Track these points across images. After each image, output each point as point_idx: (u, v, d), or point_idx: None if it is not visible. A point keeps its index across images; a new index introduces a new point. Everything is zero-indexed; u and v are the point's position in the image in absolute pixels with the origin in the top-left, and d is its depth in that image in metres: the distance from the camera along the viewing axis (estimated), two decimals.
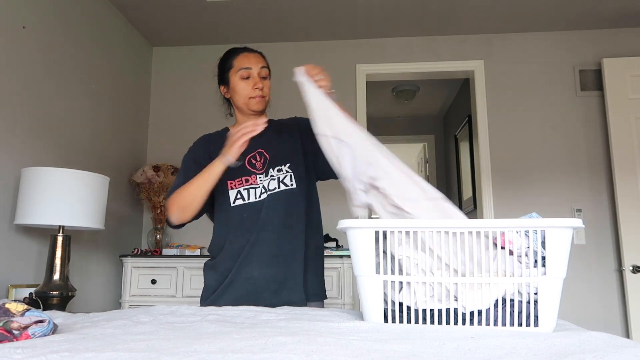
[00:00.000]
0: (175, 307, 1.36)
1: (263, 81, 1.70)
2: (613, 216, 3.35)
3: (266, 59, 1.77)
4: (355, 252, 1.10)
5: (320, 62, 3.75)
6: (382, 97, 5.18)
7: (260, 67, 1.70)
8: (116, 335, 0.96)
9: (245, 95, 1.70)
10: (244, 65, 1.69)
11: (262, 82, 1.70)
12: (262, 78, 1.71)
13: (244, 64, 1.70)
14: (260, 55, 1.76)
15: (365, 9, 3.33)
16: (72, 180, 2.15)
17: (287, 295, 1.63)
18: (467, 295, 1.03)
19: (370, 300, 1.08)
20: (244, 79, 1.69)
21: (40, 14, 2.53)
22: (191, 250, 3.23)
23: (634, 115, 3.32)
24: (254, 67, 1.70)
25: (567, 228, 1.01)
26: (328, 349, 0.80)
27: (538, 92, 3.58)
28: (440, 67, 3.68)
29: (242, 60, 1.71)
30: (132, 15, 3.40)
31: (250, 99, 1.69)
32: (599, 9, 3.33)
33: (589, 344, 0.85)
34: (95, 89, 3.02)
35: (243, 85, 1.70)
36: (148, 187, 3.37)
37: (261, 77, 1.70)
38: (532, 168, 3.48)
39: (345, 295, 3.00)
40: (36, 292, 2.11)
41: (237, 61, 1.71)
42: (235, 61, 1.72)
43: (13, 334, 0.93)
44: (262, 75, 1.71)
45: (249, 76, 1.69)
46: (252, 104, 1.70)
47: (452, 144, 5.28)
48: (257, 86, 1.68)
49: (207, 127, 3.66)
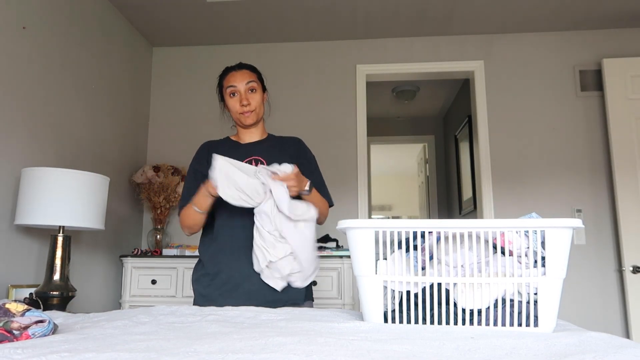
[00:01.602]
0: (175, 308, 1.36)
1: (251, 95, 1.80)
2: (613, 216, 3.35)
3: (257, 72, 1.86)
4: (355, 253, 1.10)
5: (320, 63, 3.77)
6: (382, 98, 5.18)
7: (245, 83, 1.79)
8: (116, 335, 0.96)
9: (235, 112, 1.82)
10: (230, 83, 1.80)
11: (250, 97, 1.80)
12: (250, 91, 1.80)
13: (230, 82, 1.81)
14: (249, 70, 1.84)
15: (365, 9, 3.33)
16: (72, 181, 2.15)
17: (288, 294, 1.68)
18: (467, 294, 1.03)
19: (370, 301, 1.08)
20: (232, 96, 1.81)
21: (40, 14, 2.53)
22: (191, 251, 3.23)
23: (634, 116, 3.32)
24: (238, 84, 1.79)
25: (567, 228, 1.01)
26: (328, 349, 0.80)
27: (538, 93, 3.58)
28: (441, 67, 3.68)
29: (229, 79, 1.82)
30: (132, 16, 3.40)
31: (240, 114, 1.80)
32: (599, 10, 3.33)
33: (589, 344, 0.85)
34: (95, 89, 3.02)
35: (232, 103, 1.81)
36: (148, 188, 3.38)
37: (248, 90, 1.80)
38: (532, 168, 3.48)
39: (345, 296, 3.00)
40: (36, 293, 2.11)
41: (226, 80, 1.83)
42: (224, 80, 1.84)
43: (13, 334, 0.93)
44: (250, 89, 1.80)
45: (235, 92, 1.80)
46: (242, 119, 1.81)
47: (452, 144, 5.28)
48: (242, 103, 1.79)
49: (207, 127, 3.69)
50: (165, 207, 3.42)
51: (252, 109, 1.79)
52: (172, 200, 3.41)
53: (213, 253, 1.75)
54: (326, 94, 3.70)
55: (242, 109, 1.78)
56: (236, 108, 1.79)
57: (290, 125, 3.46)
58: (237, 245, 1.71)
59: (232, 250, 1.72)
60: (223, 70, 1.87)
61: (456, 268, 1.06)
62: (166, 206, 3.41)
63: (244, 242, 1.69)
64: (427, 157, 5.97)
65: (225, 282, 1.70)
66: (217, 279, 1.72)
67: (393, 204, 9.49)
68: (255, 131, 1.86)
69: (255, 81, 1.81)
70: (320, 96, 3.70)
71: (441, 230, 1.08)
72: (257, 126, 1.86)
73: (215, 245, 1.76)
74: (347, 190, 3.53)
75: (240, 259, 1.69)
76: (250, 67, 1.85)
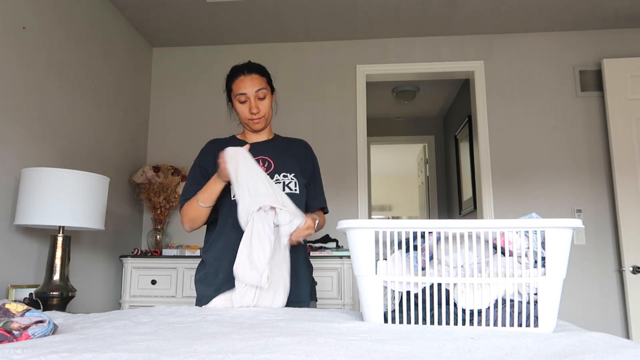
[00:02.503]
0: (175, 308, 1.36)
1: (260, 102, 1.79)
2: (613, 216, 3.35)
3: (267, 75, 1.83)
4: (355, 253, 1.10)
5: (320, 63, 3.78)
6: (382, 98, 5.18)
7: (255, 91, 1.77)
8: (116, 335, 0.96)
9: (243, 117, 1.82)
10: (240, 90, 1.78)
11: (259, 104, 1.78)
12: (259, 99, 1.78)
13: (240, 89, 1.78)
14: (259, 75, 1.80)
15: (365, 10, 3.33)
16: (72, 181, 2.15)
17: (296, 294, 1.67)
18: (467, 294, 1.03)
19: (370, 301, 1.08)
20: (242, 102, 1.79)
21: (41, 14, 2.53)
22: (191, 251, 3.23)
23: (634, 116, 3.32)
24: (248, 92, 1.77)
25: (567, 228, 1.01)
26: (328, 350, 0.80)
27: (538, 93, 3.58)
28: (441, 67, 3.68)
29: (239, 85, 1.79)
30: (132, 16, 3.40)
31: (249, 120, 1.80)
32: (599, 10, 3.33)
33: (589, 344, 0.85)
34: (95, 90, 3.02)
35: (241, 109, 1.80)
36: (148, 188, 3.38)
37: (258, 98, 1.78)
38: (532, 168, 3.48)
39: (345, 296, 3.00)
40: (36, 293, 2.11)
41: (235, 85, 1.80)
42: (233, 85, 1.81)
43: (13, 334, 0.93)
44: (259, 97, 1.78)
45: (245, 100, 1.78)
46: (250, 125, 1.81)
47: (452, 144, 5.28)
48: (252, 110, 1.77)
49: (207, 127, 3.69)
50: (165, 208, 3.42)
51: (261, 116, 1.79)
52: (172, 200, 3.41)
53: (216, 253, 1.75)
54: (326, 94, 3.70)
55: (252, 116, 1.78)
56: (245, 114, 1.79)
57: (290, 125, 3.46)
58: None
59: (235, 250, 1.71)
60: (231, 71, 1.83)
61: (456, 268, 1.06)
62: (166, 206, 3.41)
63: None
64: (427, 157, 5.97)
65: (228, 282, 1.69)
66: (219, 279, 1.71)
67: (393, 204, 9.49)
68: (262, 132, 1.86)
69: (265, 87, 1.79)
70: (320, 96, 3.70)
71: (441, 230, 1.08)
72: (265, 130, 1.87)
73: (218, 245, 1.75)
74: (347, 191, 3.53)
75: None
76: (260, 70, 1.82)
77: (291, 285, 1.65)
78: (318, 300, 1.90)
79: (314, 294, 1.83)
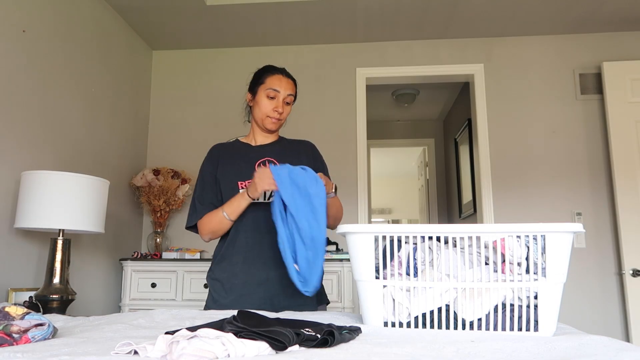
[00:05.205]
0: (175, 311, 1.36)
1: (285, 106, 1.80)
2: (613, 220, 3.35)
3: (296, 87, 1.85)
4: (355, 257, 1.10)
5: (320, 66, 3.78)
6: (382, 101, 5.18)
7: (287, 94, 1.79)
8: (116, 338, 0.96)
9: (264, 112, 1.79)
10: (274, 86, 1.78)
11: (284, 108, 1.79)
12: (286, 104, 1.80)
13: (274, 85, 1.78)
14: (293, 83, 1.84)
15: (365, 13, 3.34)
16: (72, 184, 2.15)
17: (303, 298, 1.63)
18: (467, 306, 1.03)
19: (370, 305, 1.08)
20: (270, 97, 1.78)
21: (40, 18, 2.54)
22: (191, 254, 3.23)
23: (634, 119, 3.32)
24: (282, 91, 1.78)
25: (568, 233, 1.01)
26: (328, 352, 0.80)
27: (538, 96, 3.58)
28: (440, 70, 3.68)
29: (274, 81, 1.79)
30: (132, 19, 3.41)
31: (268, 117, 1.79)
32: (598, 13, 3.34)
33: (589, 347, 0.85)
34: (95, 93, 3.03)
35: (266, 103, 1.78)
36: (148, 191, 3.37)
37: (285, 102, 1.80)
38: (532, 171, 3.48)
39: (345, 299, 3.00)
40: (36, 296, 2.10)
41: (270, 80, 1.80)
42: (268, 79, 1.80)
43: (13, 337, 0.93)
44: (287, 101, 1.80)
45: (274, 97, 1.78)
46: (267, 123, 1.80)
47: (452, 147, 5.28)
48: (277, 109, 1.78)
49: (207, 130, 3.69)
50: (165, 211, 3.42)
51: (282, 118, 1.80)
52: (172, 203, 3.40)
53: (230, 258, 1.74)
54: (326, 97, 3.70)
55: (274, 114, 1.78)
56: (268, 110, 1.78)
57: (290, 128, 3.44)
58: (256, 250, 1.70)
59: (247, 255, 1.70)
60: (268, 67, 1.84)
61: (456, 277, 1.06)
62: (166, 209, 3.41)
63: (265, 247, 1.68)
64: (427, 161, 5.97)
65: (241, 287, 1.69)
66: (230, 284, 1.71)
67: (393, 207, 9.49)
68: (269, 134, 1.87)
69: (293, 95, 1.82)
70: (320, 99, 3.70)
71: (441, 235, 1.08)
72: (274, 133, 1.88)
73: (232, 250, 1.74)
74: (347, 194, 3.52)
75: (255, 265, 1.69)
76: (294, 80, 1.85)
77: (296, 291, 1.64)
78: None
79: (324, 298, 1.80)
